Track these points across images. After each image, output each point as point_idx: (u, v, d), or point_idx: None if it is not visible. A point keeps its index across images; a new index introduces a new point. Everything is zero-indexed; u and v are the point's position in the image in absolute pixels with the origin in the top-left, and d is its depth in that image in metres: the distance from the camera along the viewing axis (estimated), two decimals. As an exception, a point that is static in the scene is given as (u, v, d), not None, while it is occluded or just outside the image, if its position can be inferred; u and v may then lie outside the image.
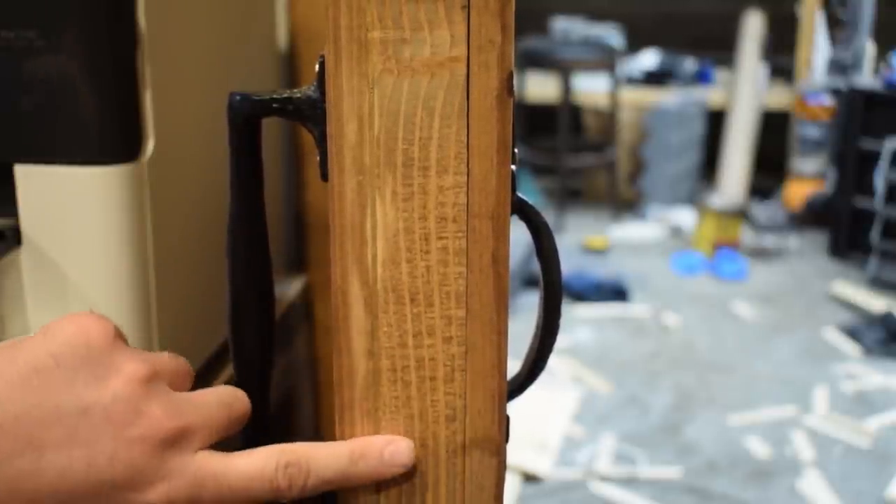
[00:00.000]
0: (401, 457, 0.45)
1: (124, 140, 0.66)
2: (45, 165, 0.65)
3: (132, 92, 0.66)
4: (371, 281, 0.43)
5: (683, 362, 2.99)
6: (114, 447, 0.38)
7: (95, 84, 0.64)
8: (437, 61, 0.41)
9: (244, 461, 0.42)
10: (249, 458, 0.42)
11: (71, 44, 0.63)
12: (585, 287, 3.40)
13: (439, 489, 0.46)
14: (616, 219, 4.28)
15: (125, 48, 0.65)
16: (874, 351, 3.04)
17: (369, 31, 0.41)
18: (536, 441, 2.47)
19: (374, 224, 0.43)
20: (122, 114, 0.66)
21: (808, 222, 4.09)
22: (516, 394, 0.50)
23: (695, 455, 2.47)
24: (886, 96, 3.71)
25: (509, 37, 0.41)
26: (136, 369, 0.40)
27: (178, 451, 0.40)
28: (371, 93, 0.41)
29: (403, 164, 0.42)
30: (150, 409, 0.39)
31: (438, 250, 0.43)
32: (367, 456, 0.44)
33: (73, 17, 0.63)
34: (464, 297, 0.43)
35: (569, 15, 4.73)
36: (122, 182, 0.66)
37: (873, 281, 3.59)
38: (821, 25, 4.23)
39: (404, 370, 0.44)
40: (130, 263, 0.64)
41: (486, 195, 0.42)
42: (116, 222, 0.65)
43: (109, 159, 0.65)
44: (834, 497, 2.29)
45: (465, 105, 0.41)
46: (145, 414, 0.39)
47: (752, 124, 4.32)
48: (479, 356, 0.44)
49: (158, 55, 0.67)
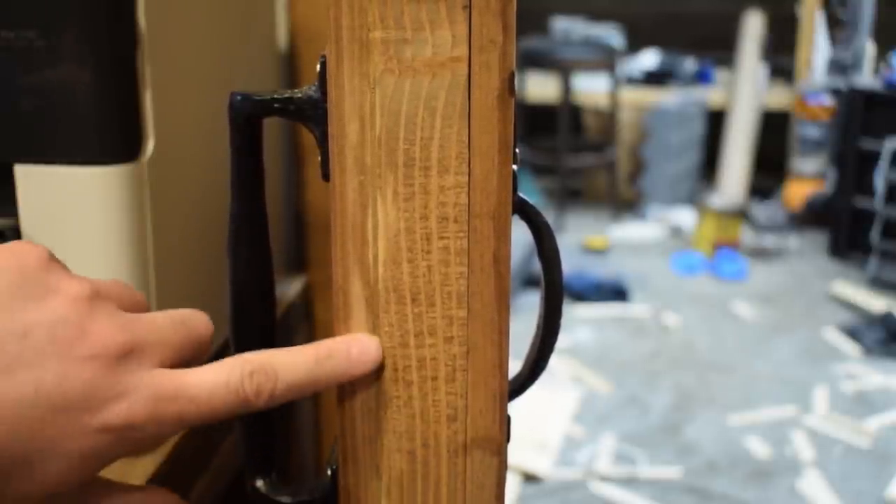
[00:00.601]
0: (368, 353, 0.43)
1: (124, 140, 0.66)
2: (45, 165, 0.65)
3: (132, 92, 0.66)
4: (372, 281, 0.43)
5: (683, 362, 2.99)
6: (62, 368, 0.36)
7: (95, 84, 0.64)
8: (438, 61, 0.41)
9: (207, 374, 0.39)
10: (212, 370, 0.39)
11: (71, 44, 0.63)
12: (585, 287, 3.40)
13: (440, 489, 0.46)
14: (616, 219, 4.28)
15: (125, 48, 0.65)
16: (874, 351, 3.04)
17: (371, 31, 0.41)
18: (536, 441, 2.47)
19: (376, 224, 0.43)
20: (122, 114, 0.66)
21: (808, 222, 4.09)
22: (517, 394, 0.50)
23: (695, 455, 2.47)
24: (886, 96, 3.72)
25: (511, 37, 0.41)
26: (78, 289, 0.38)
27: (132, 367, 0.37)
28: (372, 93, 0.41)
29: (405, 164, 0.42)
30: (96, 327, 0.37)
31: (440, 250, 0.43)
32: (333, 356, 0.43)
33: (73, 17, 0.63)
34: (465, 296, 0.43)
35: (569, 15, 4.73)
36: (122, 182, 0.66)
37: (873, 281, 3.59)
38: (821, 25, 4.23)
39: (405, 370, 0.44)
40: (130, 263, 0.64)
41: (488, 195, 0.42)
42: (116, 222, 0.65)
43: (109, 159, 0.65)
44: (834, 497, 2.29)
45: (466, 105, 0.41)
46: (92, 331, 0.37)
47: (752, 124, 4.32)
48: (481, 356, 0.44)
49: (158, 55, 0.67)
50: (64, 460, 0.37)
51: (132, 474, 0.67)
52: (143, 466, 0.68)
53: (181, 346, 0.40)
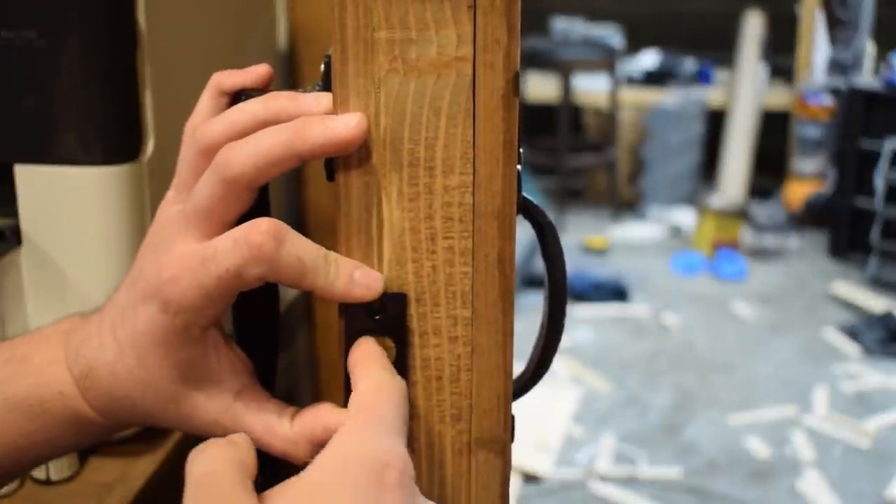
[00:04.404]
0: (369, 279, 0.42)
1: (124, 140, 0.66)
2: (45, 165, 0.65)
3: (132, 92, 0.66)
4: (376, 281, 0.43)
5: (683, 362, 2.99)
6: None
7: (95, 84, 0.64)
8: (443, 61, 0.41)
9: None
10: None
11: (71, 44, 0.63)
12: (585, 287, 3.40)
13: (445, 489, 0.46)
14: (616, 219, 4.28)
15: (125, 48, 0.65)
16: (874, 351, 3.04)
17: (375, 31, 0.41)
18: (536, 441, 2.47)
19: (380, 224, 0.43)
20: (122, 114, 0.66)
21: (808, 222, 4.09)
22: (521, 393, 0.50)
23: (695, 455, 2.47)
24: (886, 96, 3.72)
25: (515, 37, 0.41)
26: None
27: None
28: (377, 93, 0.41)
29: (409, 164, 0.42)
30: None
31: (444, 250, 0.43)
32: (340, 267, 0.42)
33: (73, 17, 0.63)
34: (469, 297, 0.43)
35: (569, 15, 4.73)
36: (122, 182, 0.66)
37: (873, 281, 3.59)
38: (821, 25, 4.23)
39: (410, 370, 0.44)
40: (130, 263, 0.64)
41: (492, 195, 0.42)
42: (116, 222, 0.65)
43: (109, 159, 0.65)
44: (834, 497, 2.29)
45: (471, 105, 0.41)
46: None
47: (752, 124, 4.32)
48: (485, 356, 0.44)
49: (158, 55, 0.67)
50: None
51: (132, 474, 0.67)
52: (143, 466, 0.68)
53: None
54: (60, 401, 0.45)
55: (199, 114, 0.46)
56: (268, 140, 0.41)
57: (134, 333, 0.43)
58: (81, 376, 0.44)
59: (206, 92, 0.46)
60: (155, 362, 0.43)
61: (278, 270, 0.40)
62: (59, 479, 0.65)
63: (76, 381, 0.45)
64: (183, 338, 0.43)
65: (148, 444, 0.69)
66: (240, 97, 0.45)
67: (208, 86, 0.46)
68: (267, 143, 0.41)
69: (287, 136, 0.41)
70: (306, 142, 0.40)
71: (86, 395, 0.45)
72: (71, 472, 0.66)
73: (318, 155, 0.41)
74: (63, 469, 0.65)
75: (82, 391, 0.45)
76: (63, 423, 0.45)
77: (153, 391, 0.44)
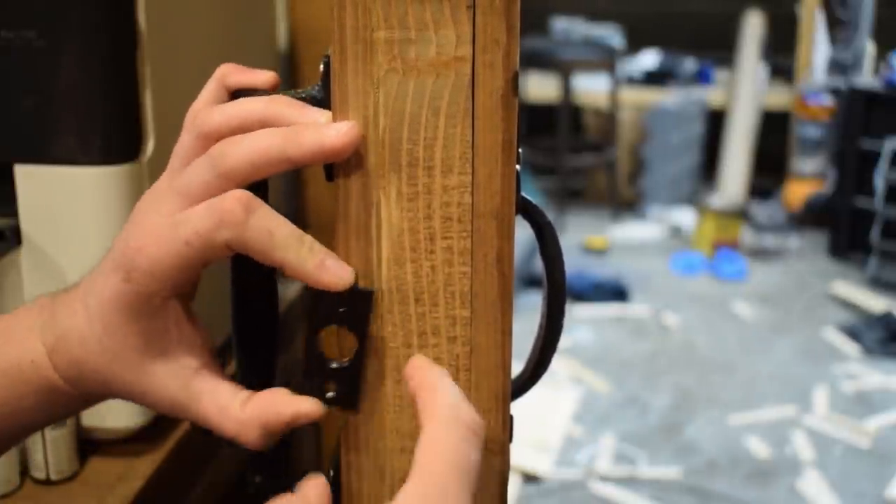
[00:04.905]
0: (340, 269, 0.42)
1: (124, 140, 0.66)
2: (45, 165, 0.65)
3: (132, 92, 0.66)
4: (376, 281, 0.43)
5: (683, 362, 2.99)
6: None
7: (95, 84, 0.64)
8: (442, 61, 0.41)
9: None
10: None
11: (71, 44, 0.63)
12: (585, 287, 3.40)
13: (443, 490, 0.46)
14: (616, 219, 4.28)
15: (125, 48, 0.65)
16: (874, 351, 3.04)
17: (374, 31, 0.41)
18: (536, 441, 2.47)
19: (379, 224, 0.43)
20: (122, 114, 0.66)
21: (808, 222, 4.09)
22: (519, 393, 0.50)
23: (695, 455, 2.47)
24: (886, 96, 3.71)
25: (515, 36, 0.41)
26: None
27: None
28: (376, 93, 0.41)
29: (408, 164, 0.42)
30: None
31: (443, 250, 0.43)
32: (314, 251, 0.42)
33: (73, 17, 0.63)
34: (468, 296, 0.43)
35: (569, 15, 4.73)
36: (122, 182, 0.66)
37: (873, 281, 3.59)
38: (821, 25, 4.23)
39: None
40: (132, 264, 0.64)
41: (491, 195, 0.42)
42: (116, 222, 0.65)
43: (109, 159, 0.65)
44: (834, 497, 2.29)
45: (470, 105, 0.41)
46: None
47: (752, 124, 4.32)
48: (484, 356, 0.44)
49: (158, 55, 0.67)
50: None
51: (133, 474, 0.67)
52: (143, 466, 0.68)
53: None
54: (32, 369, 0.46)
55: (202, 100, 0.47)
56: (263, 141, 0.42)
57: (101, 300, 0.44)
58: (52, 345, 0.46)
59: (212, 81, 0.47)
60: (119, 330, 0.44)
61: (246, 240, 0.41)
62: (59, 479, 0.65)
63: (48, 350, 0.46)
64: (146, 306, 0.44)
65: (148, 444, 0.69)
66: (240, 96, 0.46)
67: (214, 75, 0.47)
68: (262, 143, 0.42)
69: (281, 140, 0.42)
70: (299, 147, 0.41)
71: (56, 364, 0.46)
72: (71, 472, 0.66)
73: (310, 161, 0.42)
74: (63, 469, 0.65)
75: (52, 360, 0.46)
76: (35, 393, 0.46)
77: (119, 361, 0.45)
